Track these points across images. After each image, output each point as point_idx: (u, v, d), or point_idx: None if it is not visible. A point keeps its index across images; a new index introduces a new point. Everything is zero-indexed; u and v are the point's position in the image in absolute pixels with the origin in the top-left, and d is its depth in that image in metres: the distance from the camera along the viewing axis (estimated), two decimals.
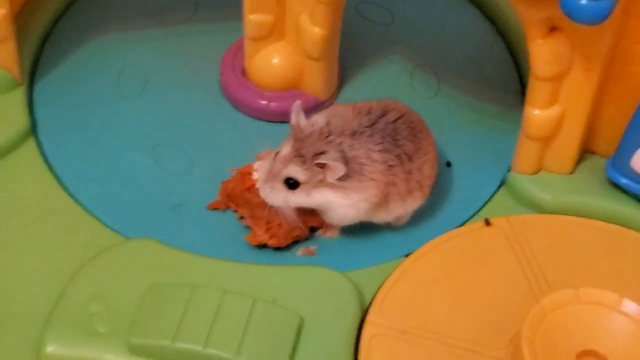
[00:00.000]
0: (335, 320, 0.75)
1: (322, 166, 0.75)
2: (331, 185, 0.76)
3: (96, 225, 0.81)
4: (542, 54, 0.77)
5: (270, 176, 0.77)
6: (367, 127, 0.77)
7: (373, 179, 0.77)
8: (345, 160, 0.75)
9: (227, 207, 0.83)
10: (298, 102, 0.77)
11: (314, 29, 0.84)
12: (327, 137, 0.76)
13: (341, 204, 0.77)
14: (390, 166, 0.77)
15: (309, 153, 0.75)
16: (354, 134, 0.77)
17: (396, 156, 0.78)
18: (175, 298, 0.74)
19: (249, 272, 0.77)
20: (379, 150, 0.77)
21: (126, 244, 0.79)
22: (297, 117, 0.77)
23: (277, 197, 0.77)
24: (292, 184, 0.76)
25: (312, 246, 0.81)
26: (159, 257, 0.78)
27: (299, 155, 0.76)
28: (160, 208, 0.83)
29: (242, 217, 0.82)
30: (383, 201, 0.78)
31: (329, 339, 0.74)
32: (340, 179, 0.76)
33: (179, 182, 0.85)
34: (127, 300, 0.75)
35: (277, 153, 0.77)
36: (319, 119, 0.78)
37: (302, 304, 0.75)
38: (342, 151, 0.76)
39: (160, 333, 0.72)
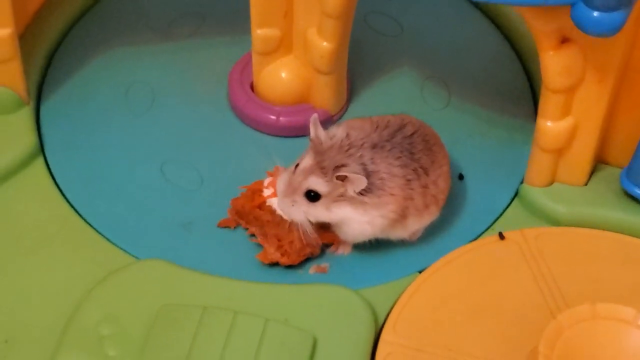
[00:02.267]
0: (349, 340, 0.74)
1: (343, 179, 0.74)
2: (351, 201, 0.76)
3: (106, 245, 0.81)
4: (554, 65, 0.76)
5: (291, 189, 0.76)
6: (386, 141, 0.77)
7: (392, 194, 0.76)
8: (366, 174, 0.75)
9: (238, 225, 0.82)
10: (315, 115, 0.76)
11: (322, 42, 0.84)
12: (347, 149, 0.75)
13: (359, 220, 0.77)
14: (408, 180, 0.77)
15: (330, 165, 0.75)
16: (374, 146, 0.76)
17: (413, 170, 0.77)
18: (186, 320, 0.74)
19: (260, 292, 0.77)
20: (399, 165, 0.76)
21: (136, 265, 0.79)
22: (316, 130, 0.76)
23: (298, 211, 0.76)
24: (313, 196, 0.75)
25: (324, 263, 0.80)
26: (169, 278, 0.77)
27: (320, 168, 0.75)
28: (170, 226, 0.82)
29: (252, 235, 0.81)
30: (401, 217, 0.77)
31: (343, 359, 0.73)
32: (361, 193, 0.75)
33: (189, 199, 0.84)
34: (138, 323, 0.74)
35: (296, 166, 0.76)
36: (338, 131, 0.77)
37: (315, 323, 0.75)
38: (363, 164, 0.75)
39: (171, 356, 0.72)
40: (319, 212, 0.76)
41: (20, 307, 0.77)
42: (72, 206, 0.83)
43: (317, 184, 0.75)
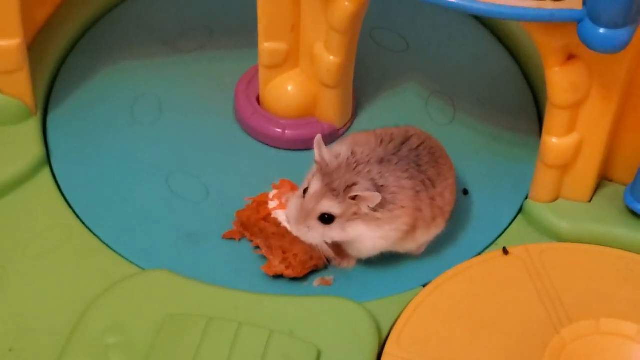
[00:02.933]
0: (353, 352, 0.74)
1: (355, 197, 0.74)
2: (364, 218, 0.75)
3: (111, 255, 0.81)
4: (559, 82, 0.76)
5: (304, 215, 0.75)
6: (392, 154, 0.77)
7: (403, 207, 0.76)
8: (377, 189, 0.75)
9: (243, 237, 0.82)
10: (319, 137, 0.76)
11: (329, 57, 0.84)
12: (355, 167, 0.75)
13: (372, 236, 0.77)
14: (417, 192, 0.77)
15: (340, 186, 0.74)
16: (380, 161, 0.76)
17: (421, 182, 0.77)
18: (190, 330, 0.74)
19: (265, 303, 0.77)
20: (407, 178, 0.76)
21: (141, 275, 0.79)
22: (321, 151, 0.76)
23: (315, 235, 0.76)
24: (327, 219, 0.75)
25: (328, 276, 0.80)
26: (174, 288, 0.78)
27: (330, 190, 0.75)
28: (175, 237, 0.83)
29: (257, 247, 0.81)
30: (411, 229, 0.77)
31: None
32: (373, 208, 0.75)
33: (194, 211, 0.85)
34: (142, 332, 0.74)
35: (304, 191, 0.76)
36: (342, 149, 0.77)
37: (319, 336, 0.75)
38: (372, 179, 0.75)
39: None
40: (334, 234, 0.76)
41: (25, 316, 0.77)
42: (77, 216, 0.84)
43: (331, 207, 0.75)
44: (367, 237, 0.77)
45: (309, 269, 0.80)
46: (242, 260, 0.81)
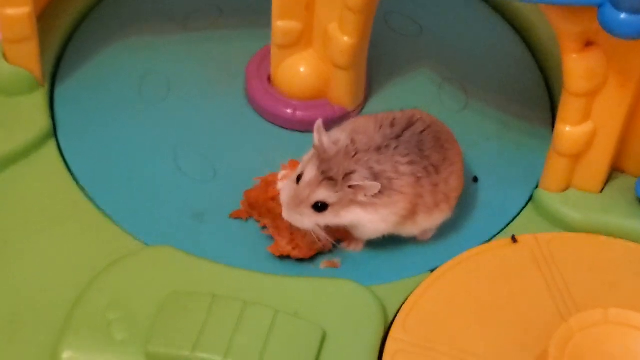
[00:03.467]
0: (358, 335, 0.74)
1: (353, 186, 0.74)
2: (360, 203, 0.75)
3: (116, 230, 0.80)
4: (577, 69, 0.76)
5: (297, 201, 0.75)
6: (392, 139, 0.76)
7: (402, 193, 0.75)
8: (374, 177, 0.74)
9: (250, 217, 0.82)
10: (319, 122, 0.75)
11: (343, 37, 0.83)
12: (353, 155, 0.75)
13: (371, 220, 0.76)
14: (418, 178, 0.76)
15: (338, 175, 0.74)
16: (379, 148, 0.75)
17: (423, 168, 0.76)
18: (195, 307, 0.73)
19: (271, 283, 0.76)
20: (407, 163, 0.76)
21: (146, 251, 0.78)
22: (320, 137, 0.75)
23: (308, 222, 0.75)
24: (320, 207, 0.75)
25: (335, 259, 0.80)
26: (179, 265, 0.77)
27: (327, 178, 0.74)
28: (182, 215, 0.82)
29: (264, 227, 0.80)
30: (411, 214, 0.77)
31: (351, 354, 0.73)
32: (371, 196, 0.75)
33: (201, 189, 0.84)
34: (146, 308, 0.73)
35: (299, 176, 0.75)
36: (342, 136, 0.76)
37: (324, 318, 0.74)
38: (370, 168, 0.75)
39: (179, 342, 0.71)
40: (328, 219, 0.76)
41: (27, 289, 0.76)
42: (83, 190, 0.83)
43: (326, 196, 0.74)
44: (366, 220, 0.76)
45: (316, 250, 0.79)
46: (249, 240, 0.80)
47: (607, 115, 0.79)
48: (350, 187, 0.74)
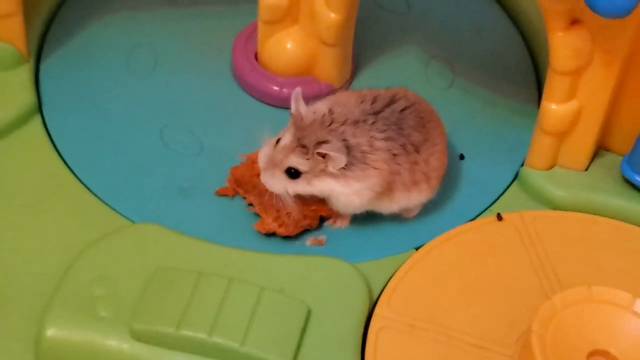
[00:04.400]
0: (343, 312, 0.74)
1: (324, 155, 0.74)
2: (333, 174, 0.75)
3: (101, 207, 0.80)
4: (562, 47, 0.76)
5: (271, 164, 0.76)
6: (370, 114, 0.76)
7: (376, 168, 0.75)
8: (348, 150, 0.74)
9: (236, 193, 0.82)
10: (298, 90, 0.76)
11: (330, 14, 0.83)
12: (329, 125, 0.75)
13: (343, 192, 0.76)
14: (394, 155, 0.76)
15: (310, 142, 0.74)
16: (356, 122, 0.76)
17: (401, 145, 0.76)
18: (180, 284, 0.73)
19: (256, 260, 0.76)
20: (383, 139, 0.76)
21: (131, 227, 0.78)
22: (297, 105, 0.75)
23: (278, 185, 0.76)
24: (293, 173, 0.75)
25: (321, 236, 0.80)
26: (164, 242, 0.77)
27: (300, 145, 0.74)
28: (168, 191, 0.82)
29: (251, 204, 0.80)
30: (387, 190, 0.77)
31: (336, 331, 0.73)
32: (343, 167, 0.75)
33: (187, 165, 0.84)
34: (131, 285, 0.73)
35: (277, 140, 0.76)
36: (321, 106, 0.76)
37: (309, 294, 0.74)
38: (344, 140, 0.75)
39: (163, 319, 0.71)
40: (299, 187, 0.76)
41: (12, 265, 0.76)
42: (68, 166, 0.83)
43: (297, 163, 0.75)
44: (339, 192, 0.76)
45: (302, 227, 0.79)
46: (235, 217, 0.80)
47: (592, 93, 0.79)
48: (320, 155, 0.74)
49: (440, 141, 0.79)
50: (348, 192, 0.76)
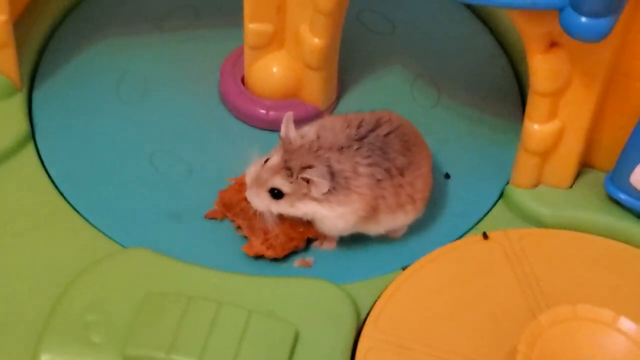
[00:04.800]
0: (331, 333, 0.75)
1: (308, 180, 0.75)
2: (316, 198, 0.77)
3: (93, 232, 0.81)
4: (542, 69, 0.76)
5: (257, 183, 0.77)
6: (355, 140, 0.77)
7: (359, 193, 0.77)
8: (332, 175, 0.76)
9: (224, 217, 0.83)
10: (289, 114, 0.77)
11: (313, 39, 0.84)
12: (316, 151, 0.76)
13: (328, 215, 0.77)
14: (378, 180, 0.77)
15: (296, 166, 0.76)
16: (341, 148, 0.77)
17: (385, 169, 0.77)
18: (170, 308, 0.74)
19: (245, 283, 0.77)
20: (367, 164, 0.77)
21: (122, 253, 0.79)
22: (287, 129, 0.77)
23: (261, 204, 0.77)
24: (276, 194, 0.77)
25: (309, 257, 0.81)
26: (155, 267, 0.78)
27: (286, 167, 0.76)
28: (158, 216, 0.83)
29: (239, 227, 0.81)
30: (372, 213, 0.78)
31: (324, 352, 0.74)
32: (326, 192, 0.76)
33: (177, 190, 0.85)
34: (122, 310, 0.75)
35: (266, 160, 0.77)
36: (310, 131, 0.78)
37: (298, 317, 0.75)
38: (329, 166, 0.76)
39: (155, 344, 0.72)
40: (282, 208, 0.78)
41: (5, 292, 0.77)
42: (61, 193, 0.84)
43: (281, 184, 0.76)
44: (323, 215, 0.78)
45: (290, 249, 0.80)
46: (224, 240, 0.82)
47: (573, 113, 0.80)
48: (304, 180, 0.75)
49: (425, 163, 0.80)
50: (332, 216, 0.77)
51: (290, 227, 0.80)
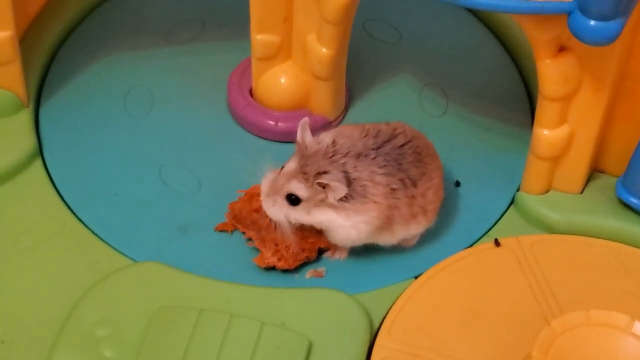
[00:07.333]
0: (345, 344, 0.74)
1: (324, 186, 0.75)
2: (332, 205, 0.76)
3: (103, 247, 0.81)
4: (550, 74, 0.76)
5: (273, 190, 0.77)
6: (372, 149, 0.77)
7: (375, 202, 0.76)
8: (348, 181, 0.75)
9: (235, 229, 0.82)
10: (305, 119, 0.77)
11: (321, 49, 0.84)
12: (331, 156, 0.76)
13: (342, 225, 0.77)
14: (393, 190, 0.77)
15: (312, 171, 0.75)
16: (358, 155, 0.76)
17: (400, 180, 0.77)
18: (182, 322, 0.74)
19: (257, 295, 0.77)
20: (383, 173, 0.77)
21: (133, 267, 0.79)
22: (303, 134, 0.77)
23: (278, 211, 0.77)
24: (293, 200, 0.76)
25: (320, 268, 0.81)
26: (166, 281, 0.78)
27: (302, 172, 0.76)
28: (168, 229, 0.83)
29: (250, 239, 0.81)
30: (386, 224, 0.78)
31: None
32: (342, 199, 0.76)
33: (187, 203, 0.85)
34: (134, 325, 0.74)
35: (282, 168, 0.77)
36: (326, 137, 0.77)
37: (310, 328, 0.75)
38: (345, 172, 0.76)
39: (167, 358, 0.72)
40: (299, 215, 0.77)
41: (17, 308, 0.77)
42: (70, 208, 0.84)
43: (298, 188, 0.76)
44: (338, 225, 0.77)
45: (301, 260, 0.80)
46: (235, 252, 0.81)
47: (583, 118, 0.79)
48: (320, 185, 0.75)
49: (436, 175, 0.80)
50: (347, 225, 0.77)
51: (301, 237, 0.79)
